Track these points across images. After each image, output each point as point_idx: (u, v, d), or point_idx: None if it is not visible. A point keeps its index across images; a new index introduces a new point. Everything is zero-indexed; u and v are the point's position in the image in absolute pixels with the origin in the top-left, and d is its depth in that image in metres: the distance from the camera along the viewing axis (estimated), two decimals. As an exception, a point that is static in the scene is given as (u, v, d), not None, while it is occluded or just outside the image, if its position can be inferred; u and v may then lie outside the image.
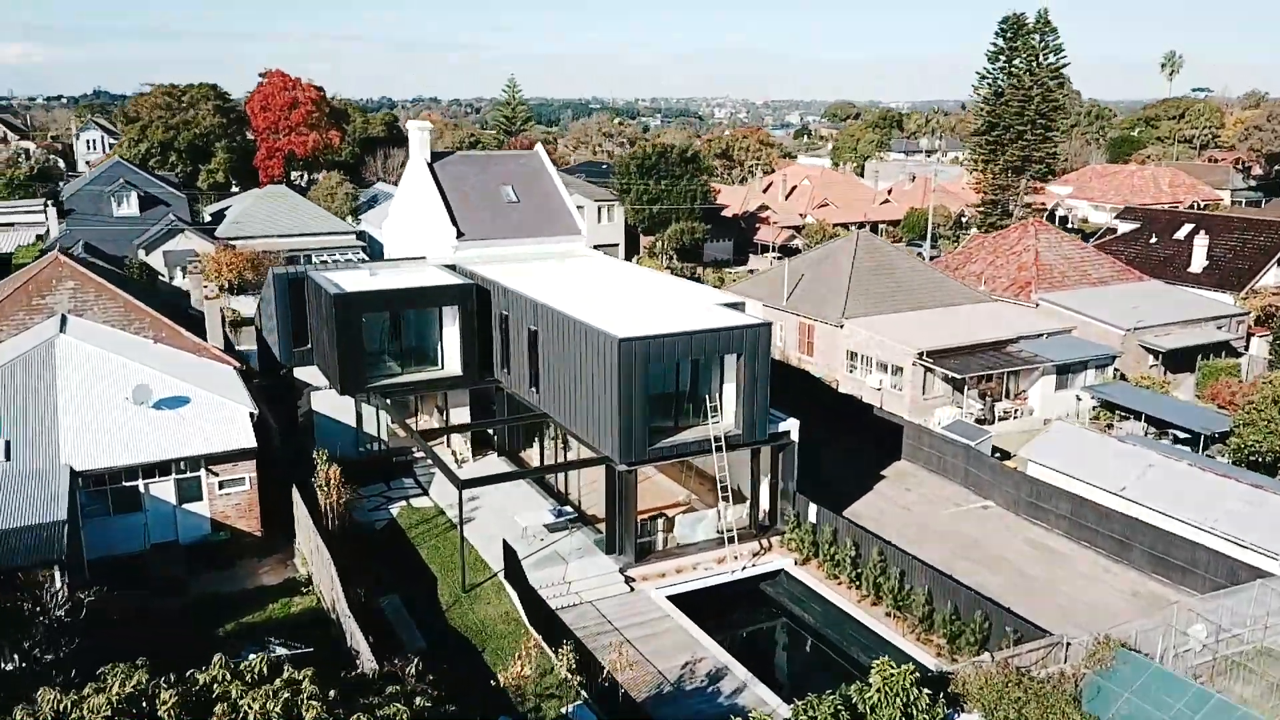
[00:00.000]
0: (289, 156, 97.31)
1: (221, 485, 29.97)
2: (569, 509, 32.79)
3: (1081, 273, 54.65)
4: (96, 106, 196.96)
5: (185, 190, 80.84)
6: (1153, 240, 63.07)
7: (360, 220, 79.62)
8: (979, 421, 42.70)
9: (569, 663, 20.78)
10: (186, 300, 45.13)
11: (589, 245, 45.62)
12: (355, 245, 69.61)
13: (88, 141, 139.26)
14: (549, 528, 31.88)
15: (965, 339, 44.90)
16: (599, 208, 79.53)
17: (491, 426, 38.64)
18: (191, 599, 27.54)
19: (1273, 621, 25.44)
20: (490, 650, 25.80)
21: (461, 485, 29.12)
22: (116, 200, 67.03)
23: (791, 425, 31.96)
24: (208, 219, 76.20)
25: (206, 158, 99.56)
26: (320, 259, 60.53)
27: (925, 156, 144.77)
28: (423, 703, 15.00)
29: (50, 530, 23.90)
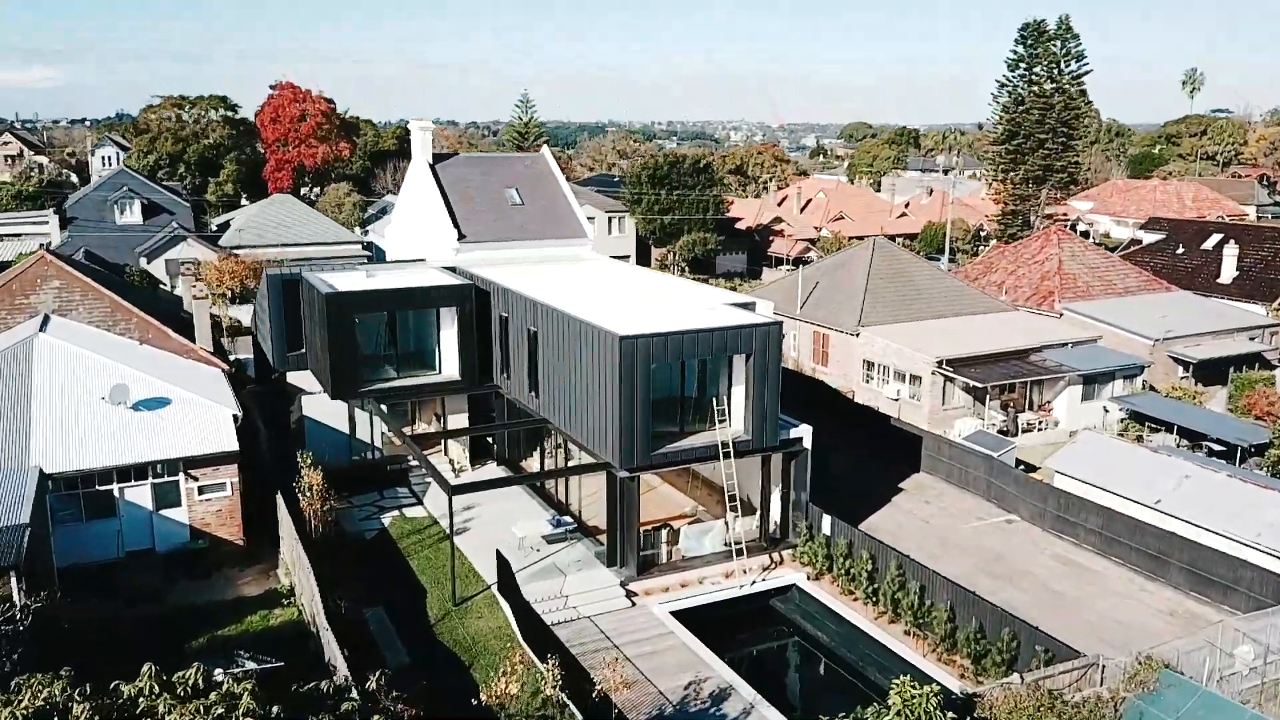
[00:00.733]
0: (298, 169, 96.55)
1: (201, 490, 28.43)
2: (568, 519, 31.09)
3: (1106, 282, 52.78)
4: (115, 126, 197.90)
5: (192, 199, 79.95)
6: (1179, 251, 61.17)
7: (368, 231, 78.58)
8: (1001, 433, 40.79)
9: (554, 678, 19.03)
10: (183, 306, 43.90)
11: (596, 251, 44.13)
12: (361, 255, 68.37)
13: (103, 158, 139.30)
14: (547, 539, 30.19)
15: (986, 347, 43.08)
16: (610, 218, 78.22)
17: (487, 432, 37.04)
18: (166, 610, 25.99)
19: (1326, 643, 23.46)
20: (480, 667, 24.08)
21: (451, 491, 27.47)
22: (119, 208, 66.10)
23: (804, 432, 30.22)
24: (214, 229, 75.30)
25: (215, 170, 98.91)
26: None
27: (943, 175, 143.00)
28: (383, 721, 13.35)
29: (9, 535, 22.36)
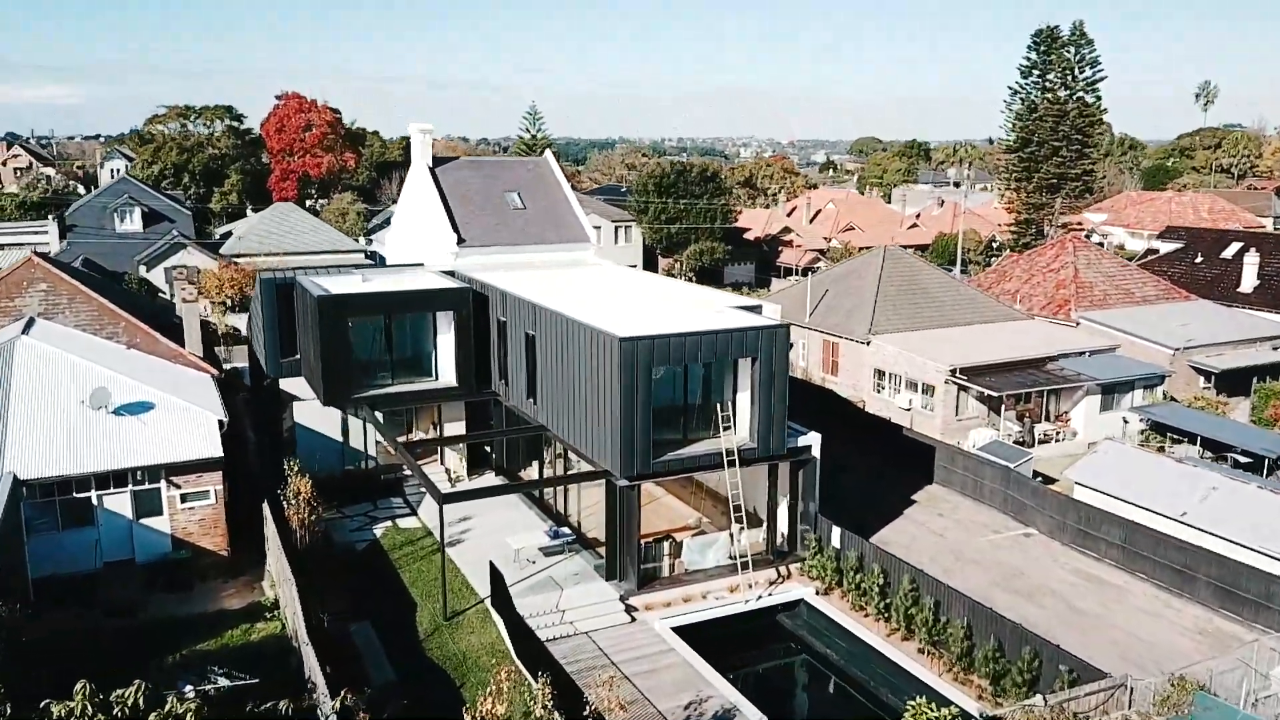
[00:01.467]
0: (303, 179, 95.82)
1: (184, 498, 27.26)
2: (567, 531, 29.83)
3: (1124, 291, 51.41)
4: (126, 140, 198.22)
5: (194, 207, 79.24)
6: (1198, 260, 59.71)
7: (372, 240, 77.69)
8: (1017, 444, 39.41)
9: (545, 698, 17.78)
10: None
11: (599, 256, 43.02)
12: (363, 264, 67.42)
13: (111, 170, 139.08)
14: (544, 551, 28.94)
15: (1001, 356, 41.74)
16: (616, 228, 77.17)
17: (483, 440, 35.85)
18: (144, 623, 24.81)
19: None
20: (470, 685, 22.80)
21: (442, 499, 26.25)
22: (119, 216, 65.30)
23: (813, 439, 28.96)
24: (217, 237, 74.57)
25: (220, 180, 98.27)
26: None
27: (954, 188, 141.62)
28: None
29: (-25, 542, 21.29)
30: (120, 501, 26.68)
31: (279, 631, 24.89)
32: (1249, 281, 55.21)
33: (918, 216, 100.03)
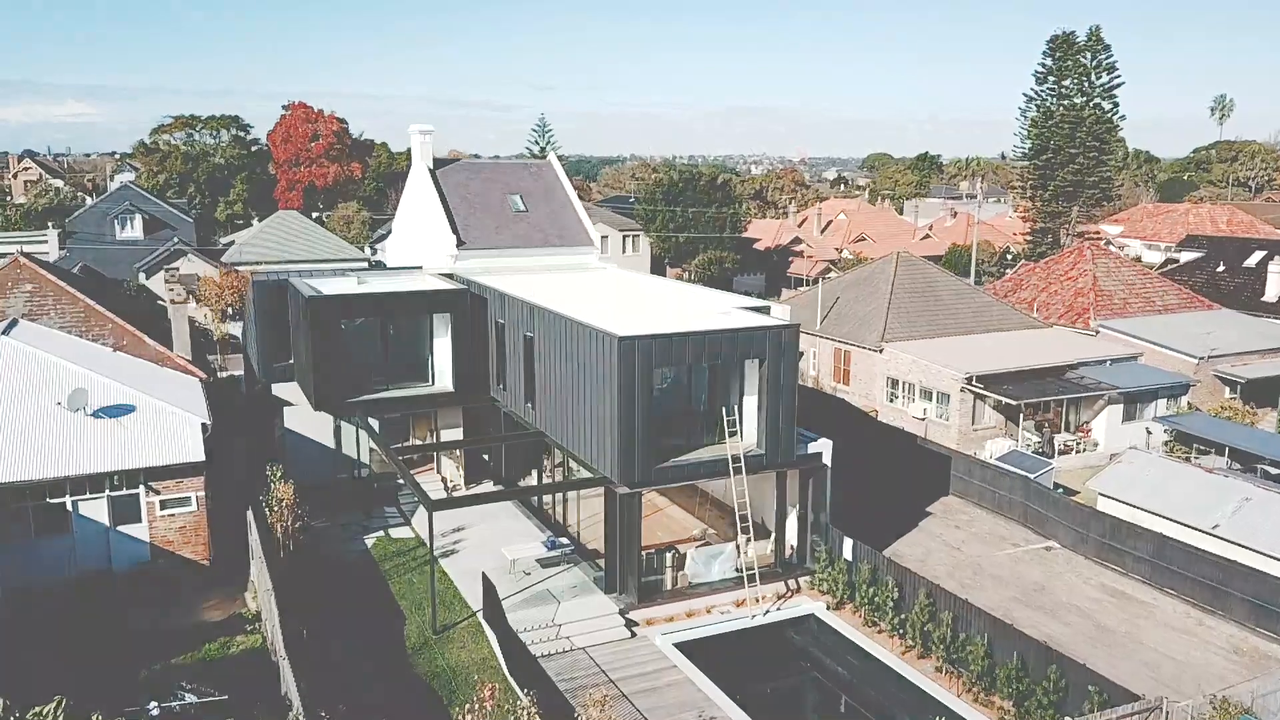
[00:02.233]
0: (309, 188, 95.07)
1: (164, 505, 26.04)
2: (565, 541, 28.47)
3: (1144, 299, 49.93)
4: (137, 153, 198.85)
5: (196, 215, 78.46)
6: (1219, 269, 58.20)
7: (376, 250, 76.75)
8: (1037, 454, 37.91)
9: (531, 718, 16.41)
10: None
11: (603, 259, 41.81)
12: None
13: (120, 182, 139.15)
14: (541, 562, 27.62)
15: (1019, 364, 40.33)
16: (624, 237, 76.02)
17: (479, 446, 34.60)
18: (120, 635, 23.55)
19: None
20: (459, 702, 21.43)
21: (432, 507, 24.95)
22: (120, 223, 64.50)
23: (823, 446, 27.58)
24: (220, 245, 73.72)
25: (225, 190, 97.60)
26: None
27: (966, 200, 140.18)
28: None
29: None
30: (97, 508, 25.47)
31: (259, 645, 23.63)
32: (1273, 290, 53.67)
33: (930, 228, 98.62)
